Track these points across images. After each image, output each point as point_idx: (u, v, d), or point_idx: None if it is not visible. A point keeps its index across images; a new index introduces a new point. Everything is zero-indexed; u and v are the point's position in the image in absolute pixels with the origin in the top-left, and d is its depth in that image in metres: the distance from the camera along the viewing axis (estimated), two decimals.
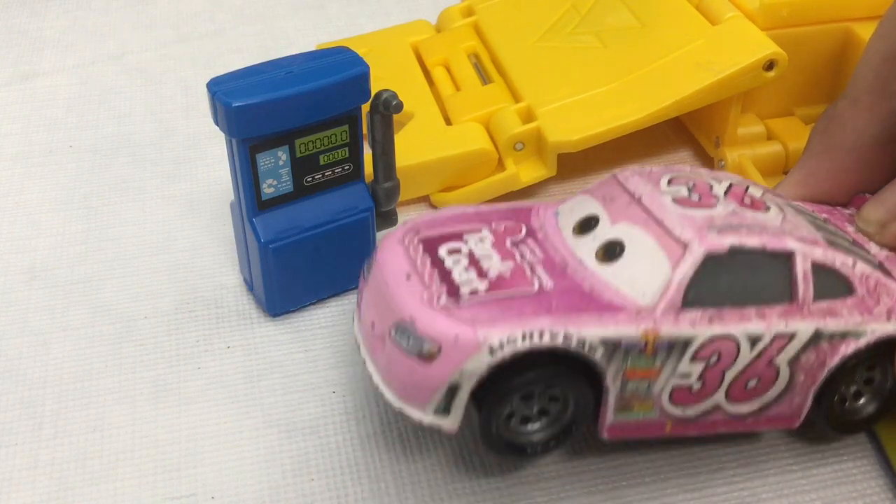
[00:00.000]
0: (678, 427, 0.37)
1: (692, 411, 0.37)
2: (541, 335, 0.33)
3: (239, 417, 0.42)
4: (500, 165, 0.53)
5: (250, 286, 0.48)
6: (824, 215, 0.42)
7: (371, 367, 0.37)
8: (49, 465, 0.40)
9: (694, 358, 0.35)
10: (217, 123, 0.41)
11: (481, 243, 0.38)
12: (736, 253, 0.35)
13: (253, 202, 0.43)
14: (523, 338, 0.33)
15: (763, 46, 0.50)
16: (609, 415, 0.36)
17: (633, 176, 0.39)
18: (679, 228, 0.36)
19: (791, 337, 0.36)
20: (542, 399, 0.36)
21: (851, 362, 0.37)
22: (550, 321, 0.34)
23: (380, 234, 0.49)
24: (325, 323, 0.46)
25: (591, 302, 0.35)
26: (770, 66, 0.50)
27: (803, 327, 0.36)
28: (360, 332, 0.38)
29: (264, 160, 0.42)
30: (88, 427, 0.42)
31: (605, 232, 0.37)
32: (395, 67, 0.60)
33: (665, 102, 0.51)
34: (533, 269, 0.36)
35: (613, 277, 0.36)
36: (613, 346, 0.34)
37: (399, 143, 0.47)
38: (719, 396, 0.37)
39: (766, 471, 0.40)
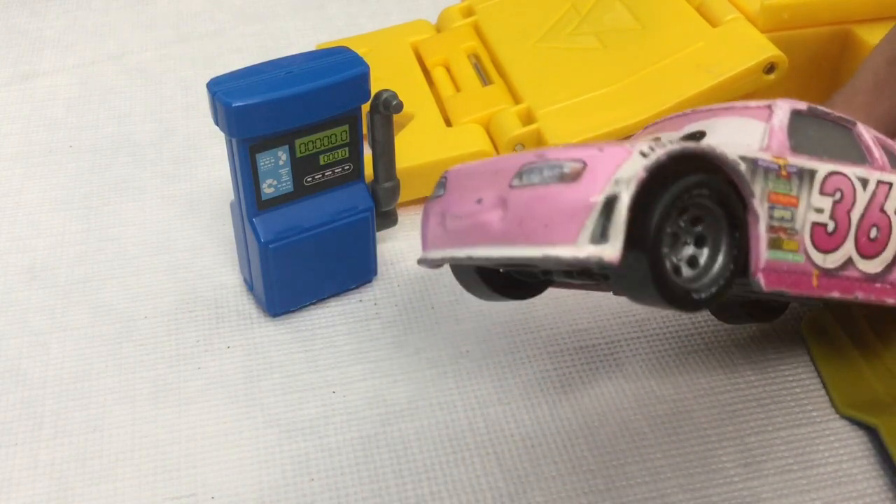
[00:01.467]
0: (823, 281, 0.36)
1: (832, 261, 0.37)
2: (687, 141, 0.32)
3: (239, 417, 0.42)
4: None
5: (250, 286, 0.48)
6: None
7: (485, 250, 0.32)
8: (49, 465, 0.40)
9: (822, 191, 0.36)
10: (217, 123, 0.41)
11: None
12: (814, 113, 0.38)
13: (253, 202, 0.43)
14: (671, 141, 0.31)
15: (763, 49, 0.50)
16: (762, 250, 0.33)
17: (666, 118, 0.41)
18: (753, 102, 0.37)
19: (890, 185, 0.38)
20: (688, 235, 0.32)
21: None
22: (694, 126, 0.35)
23: (381, 234, 0.49)
24: (325, 323, 0.46)
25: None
26: (770, 68, 0.50)
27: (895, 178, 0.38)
28: (453, 231, 0.34)
29: (264, 160, 0.42)
30: (88, 427, 0.42)
31: (675, 135, 0.38)
32: (395, 67, 0.60)
33: (665, 105, 0.51)
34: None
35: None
36: (753, 164, 0.33)
37: (399, 144, 0.47)
38: (850, 245, 0.37)
39: (766, 471, 0.40)
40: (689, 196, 0.31)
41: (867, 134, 0.39)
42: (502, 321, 0.46)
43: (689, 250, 0.33)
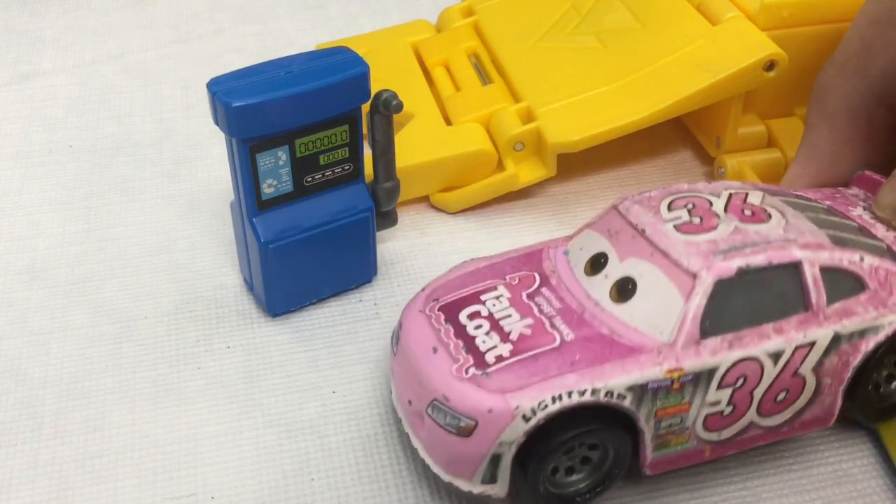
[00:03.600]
0: (717, 450, 0.38)
1: (728, 433, 0.37)
2: (569, 394, 0.34)
3: (239, 417, 0.42)
4: (500, 166, 0.53)
5: (250, 286, 0.48)
6: (827, 202, 0.42)
7: (416, 443, 0.38)
8: (49, 465, 0.40)
9: (720, 385, 0.36)
10: (217, 123, 0.41)
11: (499, 302, 0.38)
12: (745, 274, 0.36)
13: (253, 202, 0.43)
14: (553, 400, 0.34)
15: (763, 47, 0.50)
16: (648, 453, 0.37)
17: (633, 206, 0.39)
18: (686, 259, 0.36)
19: (811, 345, 0.36)
20: (582, 450, 0.37)
21: (877, 353, 0.38)
22: (576, 378, 0.35)
23: (381, 234, 0.49)
24: (325, 323, 0.46)
25: (612, 348, 0.36)
26: (770, 66, 0.50)
27: (822, 333, 0.36)
28: (399, 407, 0.39)
29: (264, 160, 0.42)
30: (88, 427, 0.42)
31: (615, 270, 0.38)
32: (395, 67, 0.60)
33: (665, 103, 0.51)
34: (552, 322, 0.37)
35: (630, 318, 0.36)
36: (641, 391, 0.35)
37: (399, 143, 0.47)
38: (751, 414, 0.37)
39: (766, 471, 0.40)
40: (565, 444, 0.35)
41: (810, 272, 0.36)
42: None
43: (574, 461, 0.37)
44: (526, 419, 0.34)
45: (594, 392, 0.34)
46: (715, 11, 0.53)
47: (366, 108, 0.44)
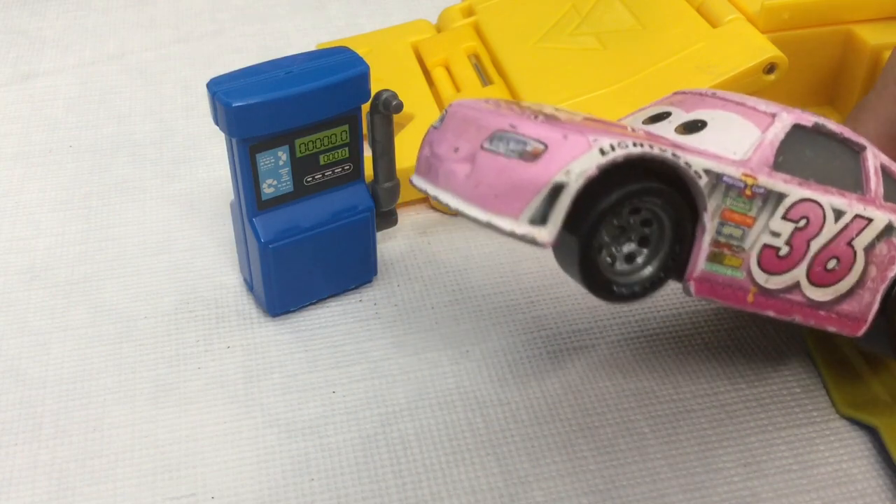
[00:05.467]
0: (759, 299, 0.36)
1: (775, 282, 0.37)
2: (651, 146, 0.32)
3: (239, 417, 0.42)
4: None
5: (250, 286, 0.48)
6: None
7: (447, 196, 0.34)
8: (49, 465, 0.40)
9: (785, 216, 0.36)
10: (217, 123, 0.41)
11: (559, 111, 0.36)
12: (820, 131, 0.37)
13: (253, 202, 0.43)
14: (635, 144, 0.32)
15: (763, 49, 0.50)
16: (700, 261, 0.35)
17: (691, 91, 0.40)
18: (764, 105, 0.37)
19: (869, 222, 0.37)
20: (634, 232, 0.34)
21: None
22: (658, 144, 0.33)
23: (381, 234, 0.49)
24: (325, 323, 0.46)
25: (687, 149, 0.34)
26: (770, 69, 0.50)
27: (879, 215, 0.37)
28: (432, 168, 0.36)
29: (264, 160, 0.42)
30: (88, 427, 0.42)
31: (681, 118, 0.37)
32: (395, 67, 0.60)
33: None
34: (621, 126, 0.35)
35: (700, 142, 0.36)
36: (716, 178, 0.34)
37: (399, 144, 0.47)
38: (801, 271, 0.37)
39: (766, 471, 0.40)
40: (639, 200, 0.33)
41: (873, 161, 0.38)
42: (502, 321, 0.46)
43: (630, 246, 0.34)
44: (603, 152, 0.31)
45: (675, 155, 0.32)
46: (715, 13, 0.53)
47: (366, 108, 0.44)
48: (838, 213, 0.37)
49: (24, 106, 0.63)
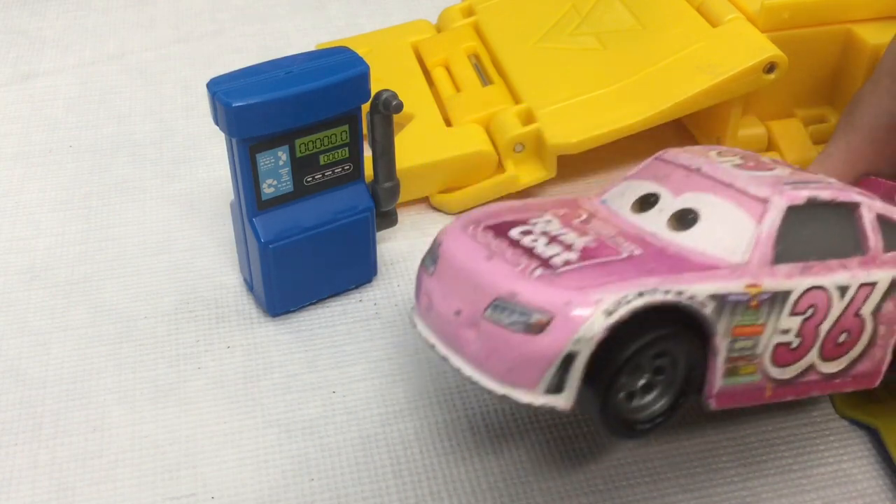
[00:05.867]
0: (777, 391, 0.36)
1: (790, 372, 0.36)
2: (653, 292, 0.31)
3: (239, 417, 0.42)
4: (500, 167, 0.53)
5: (250, 286, 0.48)
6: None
7: (458, 361, 0.34)
8: (49, 465, 0.40)
9: (793, 312, 0.35)
10: (217, 123, 0.41)
11: (550, 224, 0.36)
12: (813, 205, 0.36)
13: (253, 202, 0.43)
14: (637, 296, 0.31)
15: (763, 49, 0.50)
16: (717, 380, 0.35)
17: (679, 153, 0.39)
18: (754, 187, 0.36)
19: (873, 286, 0.36)
20: (650, 370, 0.34)
21: None
22: (658, 280, 0.32)
23: (381, 234, 0.49)
24: (325, 323, 0.46)
25: (685, 263, 0.34)
26: (770, 68, 0.50)
27: (882, 275, 0.37)
28: (437, 326, 0.35)
29: (264, 160, 0.42)
30: (88, 427, 0.42)
31: (670, 204, 0.36)
32: (395, 67, 0.60)
33: (665, 105, 0.51)
34: (615, 241, 0.35)
35: (695, 242, 0.35)
36: (721, 301, 0.33)
37: (399, 144, 0.47)
38: (814, 355, 0.36)
39: (766, 471, 0.40)
40: (650, 348, 0.33)
41: (868, 216, 0.37)
42: None
43: (645, 379, 0.34)
44: (608, 313, 0.31)
45: (679, 293, 0.32)
46: (715, 13, 0.53)
47: (366, 108, 0.44)
48: (843, 290, 0.36)
49: (24, 106, 0.63)
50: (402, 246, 0.51)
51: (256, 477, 0.40)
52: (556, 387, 0.32)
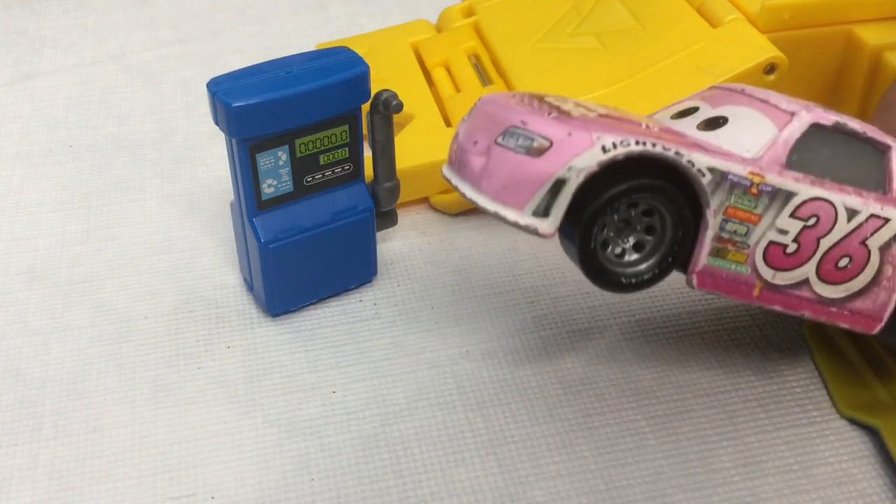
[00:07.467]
0: (766, 294, 0.37)
1: (782, 278, 0.37)
2: (654, 144, 0.33)
3: (239, 417, 0.42)
4: None
5: (250, 286, 0.48)
6: None
7: (462, 183, 0.36)
8: (49, 465, 0.40)
9: (793, 214, 0.36)
10: (217, 123, 0.41)
11: (578, 107, 0.38)
12: (840, 130, 0.37)
13: (253, 202, 0.43)
14: (637, 143, 0.33)
15: (763, 50, 0.50)
16: (703, 256, 0.36)
17: (728, 84, 0.41)
18: (786, 103, 0.37)
19: (885, 222, 0.37)
20: (639, 223, 0.36)
21: None
22: (664, 142, 0.34)
23: (381, 234, 0.49)
24: (325, 323, 0.46)
25: (698, 145, 0.35)
26: (770, 69, 0.50)
27: None
28: (454, 158, 0.38)
29: (264, 160, 0.42)
30: (88, 427, 0.42)
31: (706, 113, 0.38)
32: (395, 67, 0.60)
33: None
34: (639, 118, 0.37)
35: (716, 139, 0.36)
36: (721, 177, 0.35)
37: (399, 144, 0.47)
38: (810, 268, 0.37)
39: (766, 471, 0.40)
40: (633, 196, 0.34)
41: None
42: (502, 322, 0.46)
43: (636, 237, 0.36)
44: (605, 150, 0.33)
45: (678, 154, 0.34)
46: (715, 13, 0.53)
47: (366, 108, 0.44)
48: (852, 213, 0.37)
49: (24, 106, 0.63)
50: (402, 246, 0.51)
51: (256, 477, 0.40)
52: (543, 210, 0.34)
